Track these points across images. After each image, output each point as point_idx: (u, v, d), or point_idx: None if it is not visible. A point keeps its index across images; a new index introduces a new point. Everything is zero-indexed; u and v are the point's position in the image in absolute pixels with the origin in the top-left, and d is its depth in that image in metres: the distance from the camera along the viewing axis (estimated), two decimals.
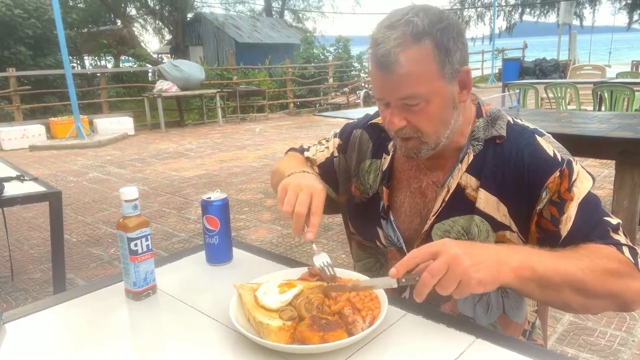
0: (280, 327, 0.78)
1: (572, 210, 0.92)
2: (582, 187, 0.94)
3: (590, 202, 0.93)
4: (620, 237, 0.91)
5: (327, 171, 1.23)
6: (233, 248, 1.17)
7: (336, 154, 1.23)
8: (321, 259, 0.92)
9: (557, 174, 0.93)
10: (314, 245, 0.94)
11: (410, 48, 0.87)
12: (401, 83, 0.89)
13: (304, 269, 0.98)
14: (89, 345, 0.84)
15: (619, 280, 0.85)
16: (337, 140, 1.24)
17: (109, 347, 0.84)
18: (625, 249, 0.89)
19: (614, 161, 3.19)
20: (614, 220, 0.92)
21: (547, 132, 1.03)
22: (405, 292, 1.07)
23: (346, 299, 0.84)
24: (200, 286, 1.06)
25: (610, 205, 3.11)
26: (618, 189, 2.98)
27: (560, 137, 1.02)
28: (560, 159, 0.95)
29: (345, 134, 1.22)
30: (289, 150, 1.34)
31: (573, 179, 0.94)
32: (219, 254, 1.14)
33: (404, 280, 0.81)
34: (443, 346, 0.79)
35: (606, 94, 5.46)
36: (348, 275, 0.94)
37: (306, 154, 1.27)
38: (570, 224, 0.92)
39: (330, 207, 1.26)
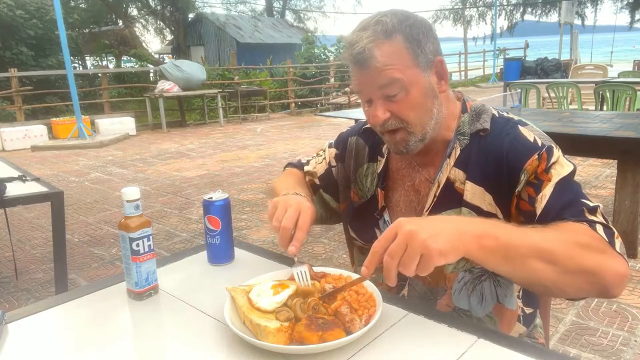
0: (279, 329, 0.78)
1: (548, 189, 0.92)
2: (561, 170, 0.94)
3: (567, 183, 0.92)
4: (596, 218, 0.87)
5: (328, 182, 1.26)
6: (235, 248, 1.18)
7: (334, 163, 1.26)
8: (299, 269, 0.92)
9: (536, 156, 0.94)
10: (295, 259, 0.96)
11: (383, 43, 0.93)
12: (378, 73, 0.94)
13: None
14: (91, 346, 0.85)
15: (592, 254, 0.80)
16: (333, 151, 1.27)
17: (111, 347, 0.84)
18: (599, 227, 0.85)
19: (615, 161, 3.18)
20: (592, 203, 0.90)
21: (549, 132, 1.03)
22: (404, 290, 1.08)
23: (342, 298, 0.84)
24: (201, 286, 1.06)
25: (612, 204, 3.10)
26: (620, 188, 2.98)
27: (562, 137, 1.03)
28: (540, 144, 0.96)
29: (341, 143, 1.26)
30: (287, 165, 1.37)
31: (552, 161, 0.94)
32: (220, 254, 1.14)
33: (374, 275, 0.82)
34: (445, 346, 0.79)
35: (608, 94, 5.45)
36: (338, 273, 0.96)
37: (306, 168, 1.30)
38: (544, 201, 0.91)
39: (332, 217, 1.30)
